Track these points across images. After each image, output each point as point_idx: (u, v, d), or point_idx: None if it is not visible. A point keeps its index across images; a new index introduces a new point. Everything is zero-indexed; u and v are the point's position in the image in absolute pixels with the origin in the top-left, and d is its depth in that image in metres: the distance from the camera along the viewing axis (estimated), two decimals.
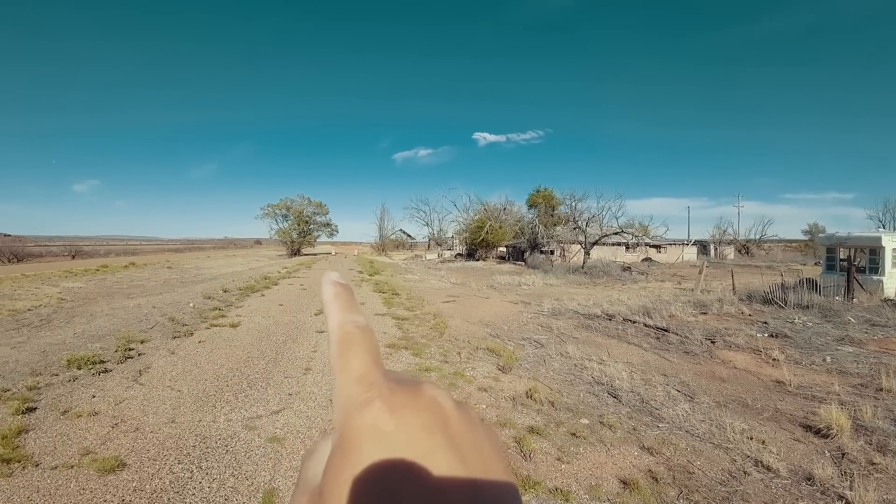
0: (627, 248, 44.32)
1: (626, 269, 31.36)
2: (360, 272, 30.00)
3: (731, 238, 60.83)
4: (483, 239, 45.98)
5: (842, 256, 17.60)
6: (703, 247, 55.80)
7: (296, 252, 61.53)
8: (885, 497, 4.04)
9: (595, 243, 34.97)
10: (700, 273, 21.50)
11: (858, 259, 16.96)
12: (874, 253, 16.48)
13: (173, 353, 8.33)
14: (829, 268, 18.04)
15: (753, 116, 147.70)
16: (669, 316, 12.88)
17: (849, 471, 4.51)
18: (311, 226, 64.15)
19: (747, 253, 57.92)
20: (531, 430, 5.24)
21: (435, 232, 68.56)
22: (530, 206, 52.48)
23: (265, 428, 5.18)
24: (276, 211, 61.49)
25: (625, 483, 4.16)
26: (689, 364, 8.42)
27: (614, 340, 10.17)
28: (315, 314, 12.85)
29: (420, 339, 9.85)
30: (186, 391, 6.33)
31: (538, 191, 52.77)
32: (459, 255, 52.43)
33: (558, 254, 38.71)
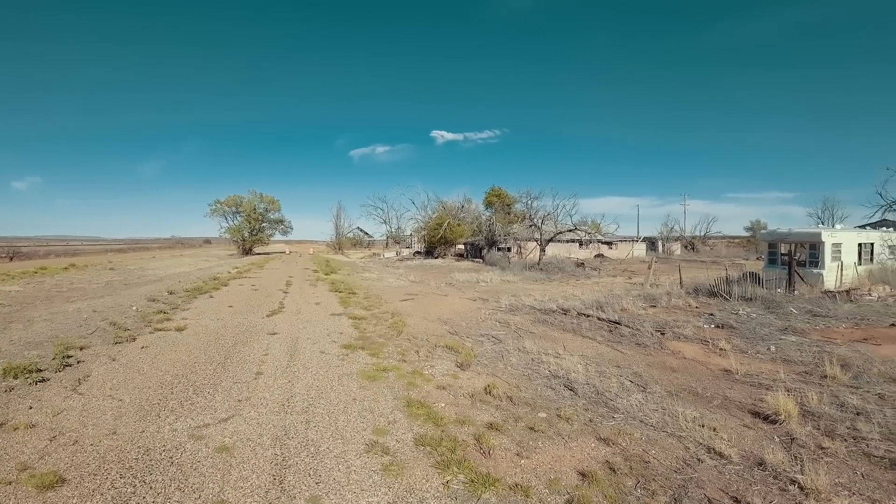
0: (581, 244, 45.50)
1: (580, 265, 32.15)
2: (316, 271, 29.33)
3: (678, 235, 63.66)
4: (442, 237, 45.98)
5: (783, 251, 18.62)
6: (651, 243, 58.17)
7: (247, 251, 59.47)
8: (836, 480, 4.20)
9: (550, 240, 35.65)
10: (649, 268, 22.32)
11: (799, 254, 18.03)
12: (814, 248, 17.50)
13: (114, 360, 7.82)
14: (771, 262, 19.06)
15: (700, 118, 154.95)
16: (621, 309, 13.24)
17: (799, 455, 4.68)
18: (264, 223, 62.19)
19: (693, 249, 60.79)
20: (490, 426, 5.19)
21: (393, 230, 68.06)
22: (487, 205, 52.88)
23: (213, 437, 4.89)
24: (226, 208, 59.24)
25: (583, 475, 4.17)
26: (640, 355, 8.65)
27: (570, 334, 10.33)
28: (267, 315, 12.39)
29: (377, 338, 9.66)
30: (128, 400, 5.94)
31: (494, 190, 53.20)
32: (418, 252, 52.20)
33: (515, 251, 39.23)
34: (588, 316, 12.20)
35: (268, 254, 62.17)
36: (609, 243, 50.49)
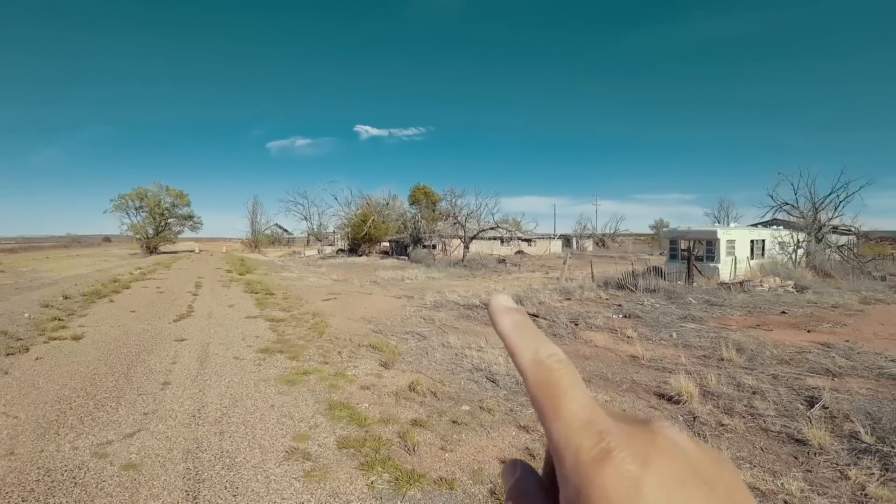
0: (502, 242, 46.94)
1: (502, 261, 33.17)
2: (229, 271, 27.69)
3: (590, 232, 67.77)
4: (366, 234, 45.28)
5: (683, 247, 20.42)
6: (566, 240, 61.37)
7: (152, 250, 54.87)
8: (738, 454, 4.63)
9: (473, 238, 36.41)
10: (564, 264, 23.52)
11: (697, 249, 19.86)
12: (711, 244, 19.39)
13: (6, 374, 7.02)
14: (672, 257, 20.86)
15: (610, 120, 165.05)
16: (539, 303, 13.84)
17: (701, 432, 5.13)
18: (171, 219, 57.70)
19: (604, 245, 65.00)
20: (415, 423, 5.21)
21: (314, 227, 65.97)
22: (412, 202, 52.95)
23: (118, 454, 4.50)
24: (129, 202, 54.25)
25: (505, 463, 4.31)
26: (556, 345, 9.08)
27: (491, 328, 10.60)
28: (174, 320, 11.52)
29: (297, 340, 9.33)
30: (24, 417, 5.38)
31: (419, 187, 53.45)
32: (341, 250, 51.05)
33: (440, 248, 39.60)
34: None
35: (175, 253, 57.59)
36: (528, 240, 52.56)
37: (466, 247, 35.09)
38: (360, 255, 44.66)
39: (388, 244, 49.93)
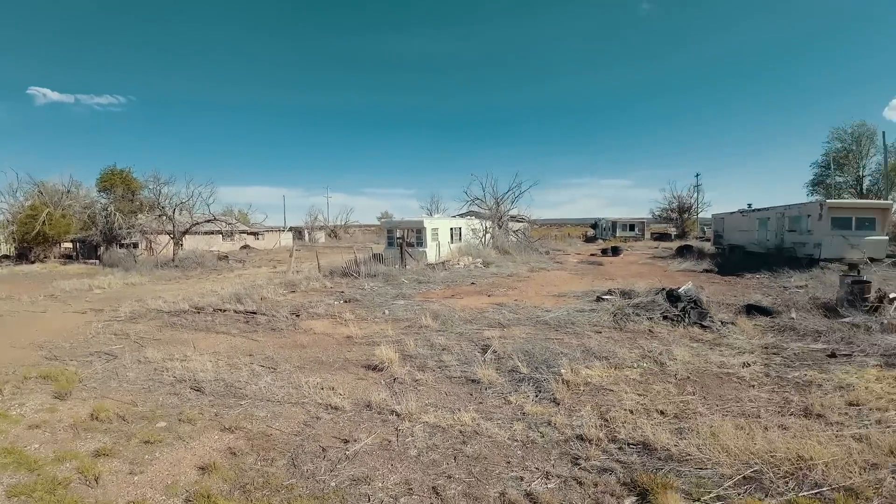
0: (224, 236, 43.34)
1: (224, 258, 30.76)
2: None
3: (322, 224, 68.62)
4: (39, 233, 34.78)
5: (398, 235, 23.09)
6: (298, 232, 60.83)
7: None
8: (426, 402, 5.70)
9: (186, 232, 32.51)
10: (290, 256, 23.49)
11: (409, 237, 22.73)
12: (419, 232, 22.76)
13: None
14: (390, 244, 23.48)
15: (341, 121, 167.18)
16: (261, 299, 13.57)
17: (399, 391, 6.08)
18: None
19: (336, 236, 66.95)
20: (98, 453, 4.63)
21: None
22: (102, 189, 42.81)
23: None
24: None
25: (203, 469, 4.29)
26: (274, 339, 9.22)
27: (202, 333, 9.95)
28: None
29: None
30: None
31: (113, 170, 43.36)
32: (5, 256, 38.23)
33: (144, 246, 33.79)
34: (224, 311, 11.97)
35: None
36: (256, 234, 50.02)
37: (178, 244, 31.08)
38: (33, 262, 34.30)
39: (70, 245, 39.84)
